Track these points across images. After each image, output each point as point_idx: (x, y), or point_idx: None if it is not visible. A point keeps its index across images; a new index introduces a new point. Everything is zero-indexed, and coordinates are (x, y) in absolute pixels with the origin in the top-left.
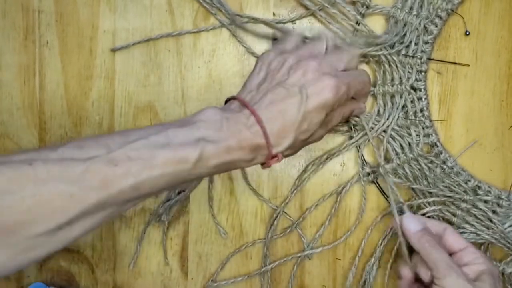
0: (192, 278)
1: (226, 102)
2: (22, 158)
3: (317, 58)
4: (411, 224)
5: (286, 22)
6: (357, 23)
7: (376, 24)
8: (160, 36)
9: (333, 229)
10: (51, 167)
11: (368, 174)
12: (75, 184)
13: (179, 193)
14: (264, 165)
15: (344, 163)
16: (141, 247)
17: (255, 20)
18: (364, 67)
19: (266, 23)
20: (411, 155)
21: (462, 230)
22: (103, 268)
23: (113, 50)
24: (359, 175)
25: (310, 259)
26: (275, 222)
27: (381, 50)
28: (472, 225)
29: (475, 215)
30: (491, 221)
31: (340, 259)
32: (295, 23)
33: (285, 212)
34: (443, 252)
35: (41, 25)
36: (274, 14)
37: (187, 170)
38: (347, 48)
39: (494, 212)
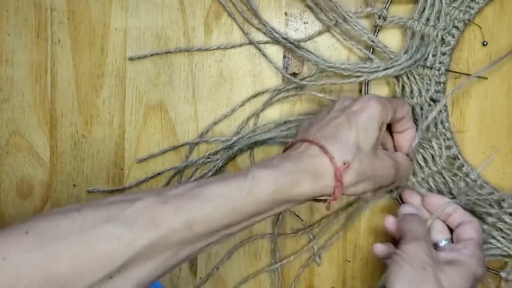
0: (201, 278)
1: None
2: (72, 207)
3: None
4: (405, 208)
5: (306, 40)
6: (372, 41)
7: (392, 38)
8: (179, 49)
9: (343, 231)
10: (98, 211)
11: (391, 191)
12: (123, 225)
13: None
14: (332, 196)
15: None
16: None
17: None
18: (382, 80)
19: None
20: (435, 168)
21: (489, 246)
22: None
23: (131, 59)
24: (385, 191)
25: (319, 265)
26: (280, 217)
27: (402, 70)
28: (498, 241)
29: (500, 229)
30: None
31: (349, 261)
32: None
33: (297, 216)
34: (417, 225)
35: (53, 23)
36: (286, 13)
37: (242, 200)
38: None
39: None
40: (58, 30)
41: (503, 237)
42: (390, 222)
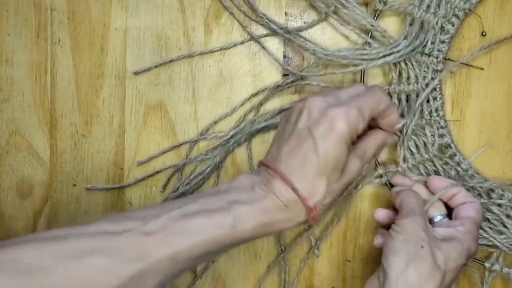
0: (200, 278)
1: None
2: (58, 234)
3: (322, 95)
4: (397, 187)
5: (304, 29)
6: (371, 25)
7: (391, 25)
8: (182, 57)
9: (343, 230)
10: (85, 241)
11: (381, 176)
12: (110, 257)
13: (186, 185)
14: (307, 222)
15: None
16: None
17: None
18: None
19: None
20: (427, 156)
21: None
22: None
23: (136, 73)
24: (375, 176)
25: (318, 257)
26: None
27: (401, 57)
28: (485, 231)
29: (488, 219)
30: (504, 226)
31: (349, 261)
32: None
33: None
34: (412, 200)
35: (53, 23)
36: (286, 13)
37: (223, 235)
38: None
39: (508, 216)
40: (58, 30)
41: (489, 228)
42: (379, 214)
